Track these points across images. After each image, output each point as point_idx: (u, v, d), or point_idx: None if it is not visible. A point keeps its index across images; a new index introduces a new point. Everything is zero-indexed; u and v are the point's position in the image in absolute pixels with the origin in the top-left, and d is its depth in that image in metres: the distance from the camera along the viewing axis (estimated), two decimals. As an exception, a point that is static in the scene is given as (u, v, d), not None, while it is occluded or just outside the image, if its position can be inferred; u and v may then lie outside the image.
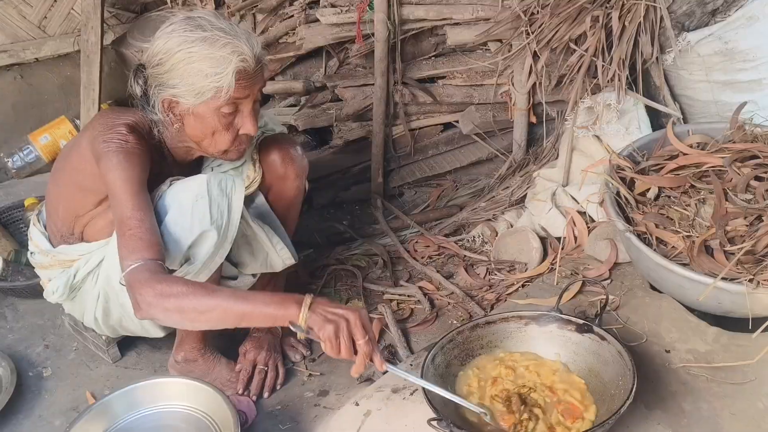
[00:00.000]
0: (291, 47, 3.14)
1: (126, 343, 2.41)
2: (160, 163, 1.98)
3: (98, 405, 1.92)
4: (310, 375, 2.33)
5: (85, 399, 2.25)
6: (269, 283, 2.32)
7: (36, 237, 2.15)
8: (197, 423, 1.90)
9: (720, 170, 2.25)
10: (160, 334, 2.16)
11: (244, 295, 1.71)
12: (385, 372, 1.72)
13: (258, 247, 2.10)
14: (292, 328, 1.63)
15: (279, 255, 2.10)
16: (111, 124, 1.89)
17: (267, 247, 2.09)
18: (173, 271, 1.82)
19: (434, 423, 1.63)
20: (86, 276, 2.03)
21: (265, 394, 2.23)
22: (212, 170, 2.15)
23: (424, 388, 1.74)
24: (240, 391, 2.20)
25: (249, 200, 2.15)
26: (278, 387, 2.26)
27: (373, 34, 2.94)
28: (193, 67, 1.82)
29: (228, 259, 2.01)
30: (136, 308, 1.68)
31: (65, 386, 2.31)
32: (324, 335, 1.62)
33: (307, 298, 1.64)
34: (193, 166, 2.11)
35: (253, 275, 2.16)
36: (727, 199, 2.14)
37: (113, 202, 1.80)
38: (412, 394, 1.92)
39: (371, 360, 1.67)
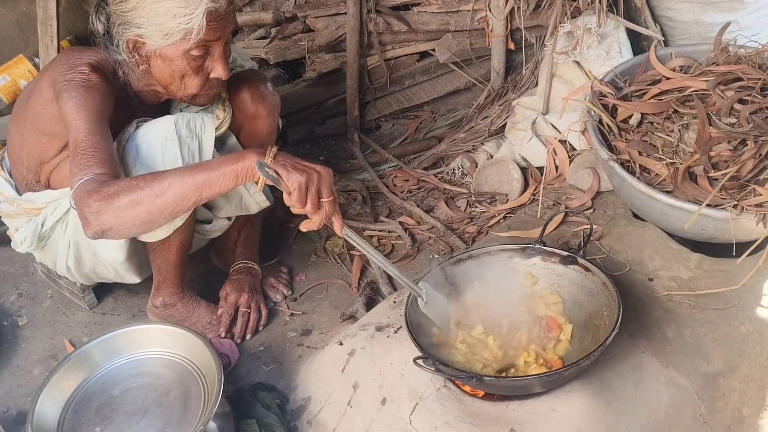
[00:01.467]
0: (258, -24, 3.00)
1: (102, 289, 2.36)
2: (127, 106, 1.88)
3: (77, 354, 1.88)
4: (292, 314, 2.31)
5: (63, 347, 2.21)
6: (246, 224, 2.26)
7: (0, 185, 2.06)
8: (179, 368, 1.87)
9: (704, 94, 2.21)
10: (136, 279, 2.11)
11: (197, 164, 1.63)
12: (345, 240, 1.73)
13: (231, 190, 2.03)
14: (257, 170, 1.56)
15: (253, 197, 2.04)
16: (72, 63, 1.79)
17: (241, 190, 2.02)
18: None
19: (420, 361, 1.61)
20: (55, 224, 1.96)
21: (248, 336, 2.20)
22: (180, 111, 2.05)
23: (409, 328, 1.73)
24: (222, 334, 2.17)
25: (220, 142, 2.07)
26: (260, 328, 2.24)
27: (343, -40, 2.81)
28: (161, 6, 1.70)
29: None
30: (84, 225, 1.59)
31: (42, 334, 2.26)
32: (293, 183, 1.57)
33: (271, 148, 1.60)
34: (161, 109, 2.02)
35: (228, 218, 2.10)
36: (710, 124, 2.10)
37: (69, 131, 1.70)
38: (396, 332, 1.90)
39: (330, 220, 1.64)
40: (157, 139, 1.76)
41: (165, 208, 1.60)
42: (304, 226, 1.66)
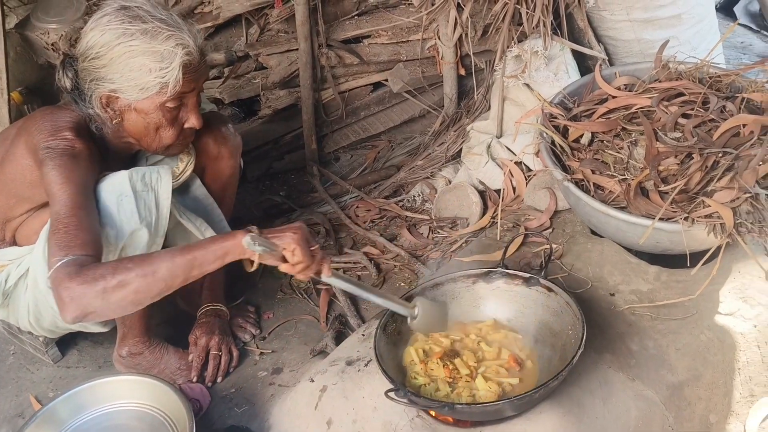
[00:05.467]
0: (208, 17, 3.01)
1: (66, 342, 2.32)
2: (102, 161, 1.86)
3: (43, 412, 1.85)
4: (262, 353, 2.29)
5: (29, 404, 2.16)
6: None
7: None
8: (149, 419, 1.85)
9: (649, 110, 2.28)
10: (102, 329, 2.08)
11: (185, 246, 1.62)
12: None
13: (194, 235, 2.03)
14: (247, 246, 1.58)
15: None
16: (53, 128, 1.77)
17: (201, 236, 2.02)
18: None
19: (392, 394, 1.62)
20: (18, 280, 1.94)
21: (219, 379, 2.18)
22: (146, 159, 2.06)
23: (376, 355, 1.74)
24: (194, 379, 2.15)
25: (185, 186, 2.08)
26: (231, 370, 2.22)
27: (292, -3, 2.84)
28: (135, 61, 1.72)
29: (165, 247, 1.93)
30: (63, 308, 1.52)
31: (7, 392, 2.21)
32: (290, 243, 1.62)
33: (254, 227, 1.64)
34: (131, 159, 2.02)
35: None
36: (657, 139, 2.16)
37: (52, 202, 1.67)
38: (366, 365, 1.91)
39: (321, 265, 1.70)
40: (112, 195, 1.75)
41: (154, 286, 1.56)
42: (300, 276, 1.69)
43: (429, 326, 1.88)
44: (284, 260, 1.66)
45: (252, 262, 1.64)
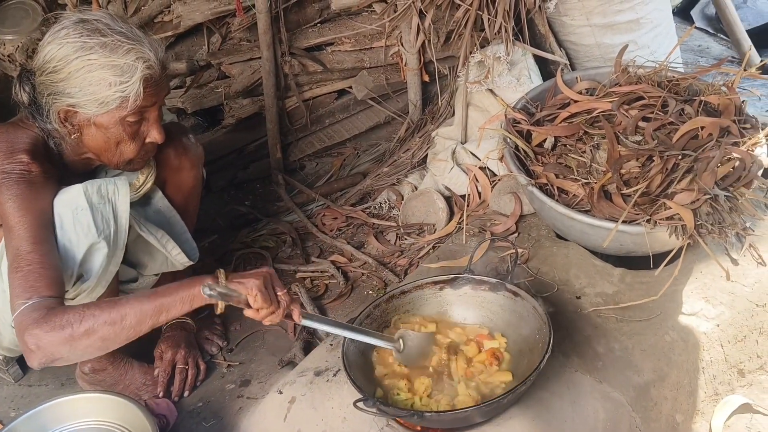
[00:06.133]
0: (168, 26, 2.98)
1: (27, 360, 2.27)
2: (61, 179, 1.82)
3: (3, 433, 1.80)
4: (229, 366, 2.27)
5: (-11, 425, 2.11)
6: (174, 279, 2.22)
7: None
8: (114, 437, 1.82)
9: (610, 114, 2.30)
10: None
11: (152, 291, 1.62)
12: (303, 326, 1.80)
13: (155, 248, 2.00)
14: (204, 294, 1.58)
15: (175, 260, 2.01)
16: (8, 149, 1.72)
17: (164, 251, 1.99)
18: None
19: (360, 404, 1.61)
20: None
21: (186, 393, 2.15)
22: (106, 174, 2.02)
23: (345, 365, 1.72)
24: (160, 394, 2.11)
25: (146, 198, 2.04)
26: (199, 383, 2.19)
27: (253, 6, 2.82)
28: (94, 75, 1.69)
29: (124, 261, 1.90)
30: (29, 355, 1.53)
31: (-34, 414, 2.16)
32: (253, 289, 1.60)
33: (221, 271, 1.64)
34: (91, 173, 1.98)
35: (155, 274, 2.06)
36: (619, 143, 2.19)
37: (9, 235, 1.64)
38: (335, 375, 1.89)
39: (290, 311, 1.68)
40: (67, 209, 1.72)
41: (122, 333, 1.57)
42: (268, 321, 1.67)
43: (415, 358, 1.84)
44: (249, 305, 1.64)
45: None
